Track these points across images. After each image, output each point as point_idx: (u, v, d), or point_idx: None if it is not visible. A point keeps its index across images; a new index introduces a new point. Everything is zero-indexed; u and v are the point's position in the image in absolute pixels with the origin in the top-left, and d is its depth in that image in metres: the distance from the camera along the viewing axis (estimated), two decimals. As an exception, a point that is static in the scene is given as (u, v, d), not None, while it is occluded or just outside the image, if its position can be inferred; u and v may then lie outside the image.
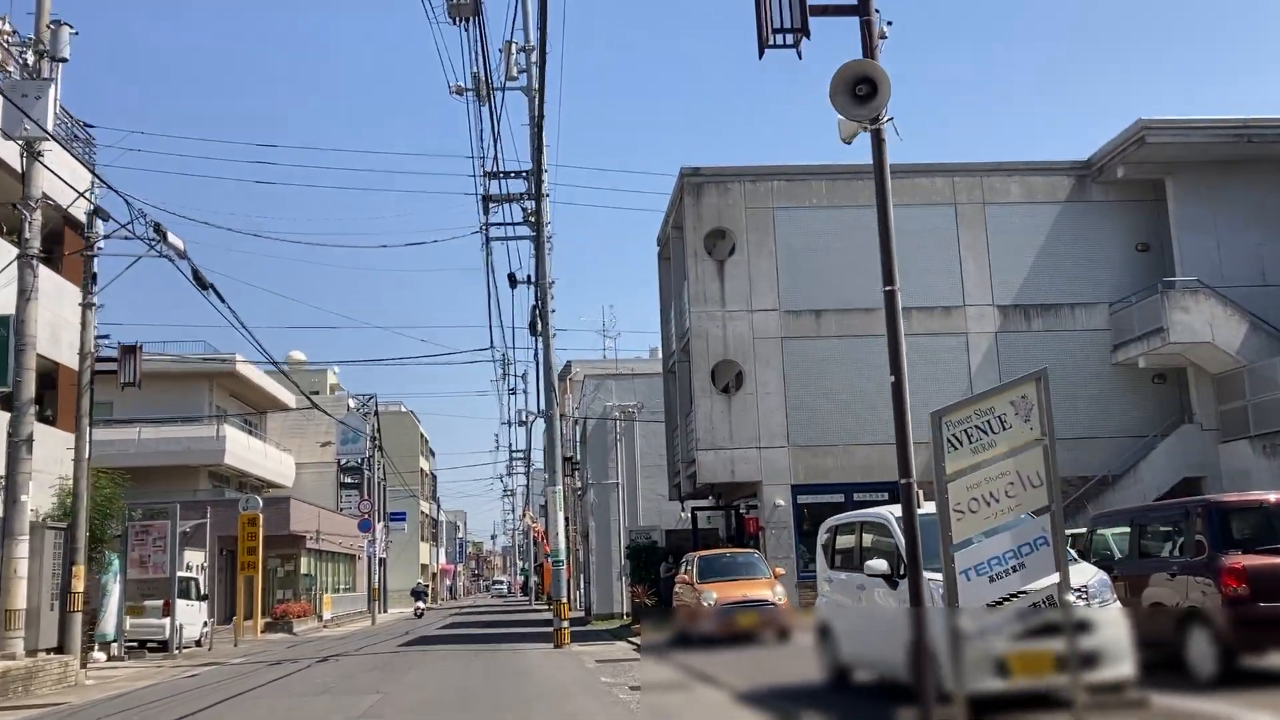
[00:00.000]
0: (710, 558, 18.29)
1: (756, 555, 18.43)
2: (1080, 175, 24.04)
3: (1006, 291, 23.54)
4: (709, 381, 22.72)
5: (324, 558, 43.50)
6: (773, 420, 22.63)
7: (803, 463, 22.58)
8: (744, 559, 18.32)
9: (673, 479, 27.46)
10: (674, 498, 27.61)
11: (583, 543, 32.84)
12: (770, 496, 22.29)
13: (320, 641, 28.39)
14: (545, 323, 20.59)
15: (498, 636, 26.13)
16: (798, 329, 23.07)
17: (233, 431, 41.29)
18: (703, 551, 19.05)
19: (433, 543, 78.28)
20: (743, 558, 18.35)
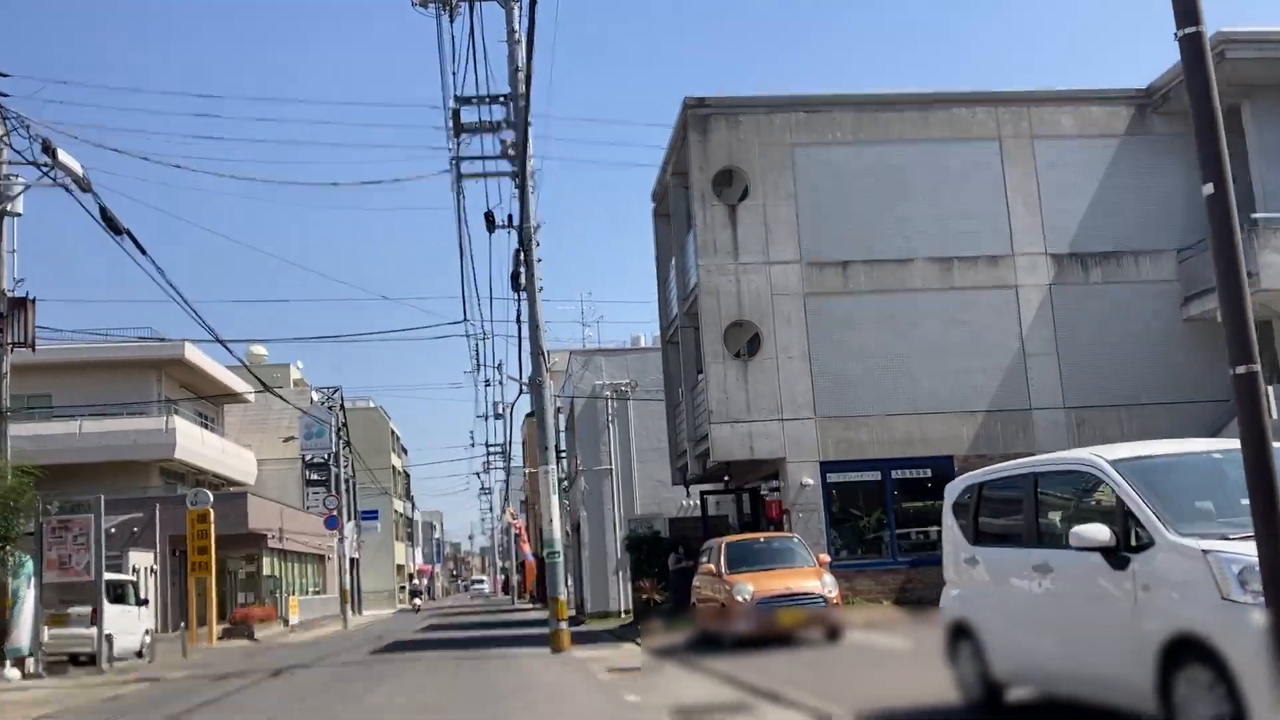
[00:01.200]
0: (741, 544, 15.26)
1: (796, 539, 15.43)
2: (1140, 105, 21.17)
3: (1060, 238, 20.63)
4: (721, 345, 19.68)
5: (289, 558, 40.14)
6: (796, 388, 19.62)
7: (832, 436, 19.58)
8: (781, 544, 15.30)
9: (676, 461, 24.40)
10: (677, 482, 24.56)
11: (573, 536, 29.74)
12: (796, 475, 19.28)
13: (282, 649, 25.16)
14: (530, 273, 17.49)
15: (483, 640, 22.98)
16: (822, 284, 20.06)
17: (183, 424, 37.86)
18: (731, 537, 16.01)
19: (408, 543, 74.89)
20: (779, 543, 15.33)
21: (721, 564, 14.69)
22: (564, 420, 33.56)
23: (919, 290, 20.20)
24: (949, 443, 19.74)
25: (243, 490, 35.95)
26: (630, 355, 28.80)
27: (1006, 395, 19.99)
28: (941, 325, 20.11)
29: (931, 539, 19.79)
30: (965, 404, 19.91)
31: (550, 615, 16.76)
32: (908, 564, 19.27)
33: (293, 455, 50.95)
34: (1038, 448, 19.79)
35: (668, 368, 24.71)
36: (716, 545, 15.41)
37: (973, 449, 19.74)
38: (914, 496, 20.10)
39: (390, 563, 65.09)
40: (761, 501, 21.88)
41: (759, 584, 13.88)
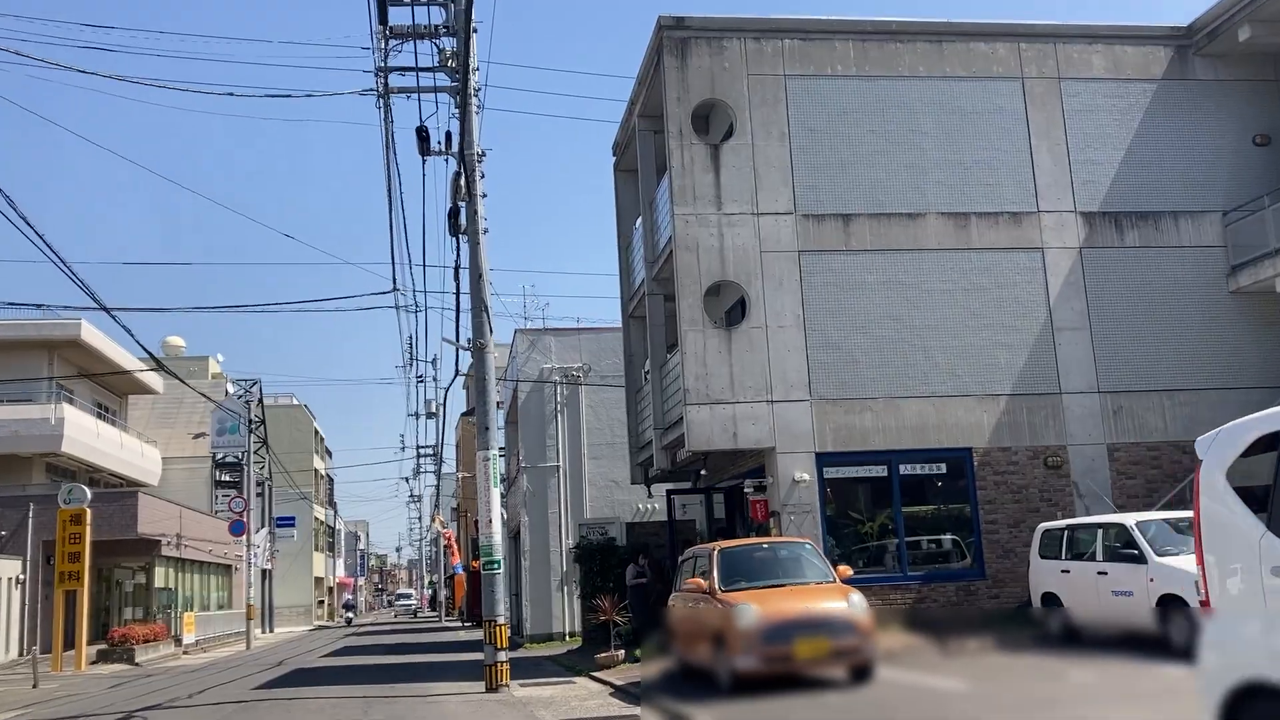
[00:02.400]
0: (740, 552, 11.77)
1: (808, 546, 12.00)
2: (1180, 45, 18.29)
3: (1091, 194, 17.62)
4: (700, 310, 16.28)
5: (189, 568, 35.80)
6: (789, 364, 16.30)
7: (831, 422, 16.28)
8: (790, 553, 11.85)
9: (636, 456, 20.93)
10: (638, 480, 21.07)
11: (512, 544, 26.06)
12: (787, 469, 15.93)
13: (162, 677, 21.15)
14: (473, 208, 13.97)
15: (402, 669, 19.23)
16: (820, 239, 16.79)
17: (74, 413, 33.44)
18: (726, 543, 12.49)
19: (329, 553, 70.19)
20: (788, 551, 11.89)
21: (715, 578, 11.23)
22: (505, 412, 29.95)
23: (932, 250, 17.03)
24: (967, 432, 16.57)
25: (132, 489, 31.61)
26: (584, 336, 25.25)
27: (1033, 376, 16.89)
28: (958, 292, 16.96)
29: (945, 549, 16.60)
30: (985, 386, 16.76)
31: (486, 642, 13.18)
32: (919, 579, 16.02)
33: (203, 454, 46.44)
34: (1069, 438, 16.73)
35: (629, 347, 21.25)
36: (706, 554, 11.93)
37: (994, 439, 16.60)
38: (925, 496, 16.90)
39: (308, 575, 60.51)
40: (741, 502, 18.49)
41: (767, 605, 10.45)
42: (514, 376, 24.92)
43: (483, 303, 13.86)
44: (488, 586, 13.43)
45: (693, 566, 12.33)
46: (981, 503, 16.41)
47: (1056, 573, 13.41)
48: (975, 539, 16.36)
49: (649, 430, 19.74)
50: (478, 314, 13.88)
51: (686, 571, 12.66)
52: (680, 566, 13.08)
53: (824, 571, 11.51)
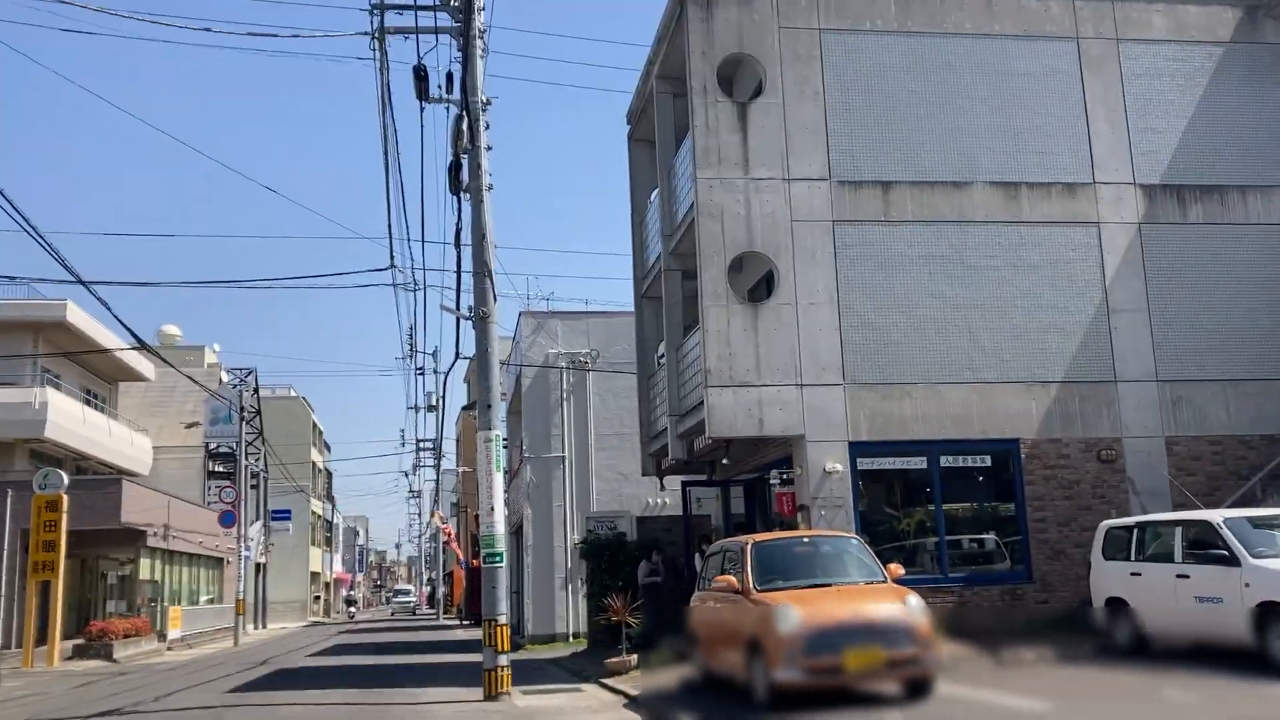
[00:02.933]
0: (778, 546, 10.25)
1: (855, 540, 10.49)
2: (1250, 6, 16.84)
3: (1152, 166, 16.17)
4: (725, 284, 14.83)
5: (177, 560, 34.37)
6: (821, 345, 14.85)
7: (866, 409, 14.83)
8: (835, 548, 10.34)
9: (649, 445, 19.48)
10: (649, 472, 19.61)
11: (514, 539, 24.60)
12: (818, 459, 14.48)
13: (134, 675, 19.72)
14: (476, 163, 12.54)
15: (394, 671, 17.78)
16: (857, 209, 15.35)
17: (58, 398, 31.98)
18: (761, 536, 10.94)
19: (326, 548, 68.75)
20: (831, 546, 10.37)
21: (749, 575, 9.74)
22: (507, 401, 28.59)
23: (979, 222, 15.58)
24: (1014, 421, 15.12)
25: (116, 476, 30.17)
26: (592, 320, 23.77)
27: (1086, 362, 15.44)
28: (1007, 269, 15.52)
29: (987, 549, 15.15)
30: (1035, 372, 15.31)
31: (485, 643, 11.73)
32: (961, 581, 14.57)
33: (196, 444, 45.00)
34: (1124, 429, 15.27)
35: (642, 329, 19.79)
36: (738, 548, 10.43)
37: (1044, 430, 15.15)
38: (967, 491, 15.46)
39: (304, 570, 59.07)
40: (763, 496, 17.08)
41: (812, 608, 8.97)
42: (518, 362, 23.48)
43: (485, 266, 12.42)
44: (488, 582, 11.99)
45: (720, 562, 10.86)
46: (1029, 499, 14.96)
47: (1125, 576, 11.95)
48: (1022, 538, 14.91)
49: (663, 418, 18.29)
50: (480, 279, 12.44)
51: (713, 568, 11.19)
52: (705, 563, 11.60)
53: (873, 570, 10.04)
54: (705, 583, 11.36)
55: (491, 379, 12.35)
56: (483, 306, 12.41)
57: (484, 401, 12.27)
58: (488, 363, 12.33)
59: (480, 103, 12.70)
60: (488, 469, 12.13)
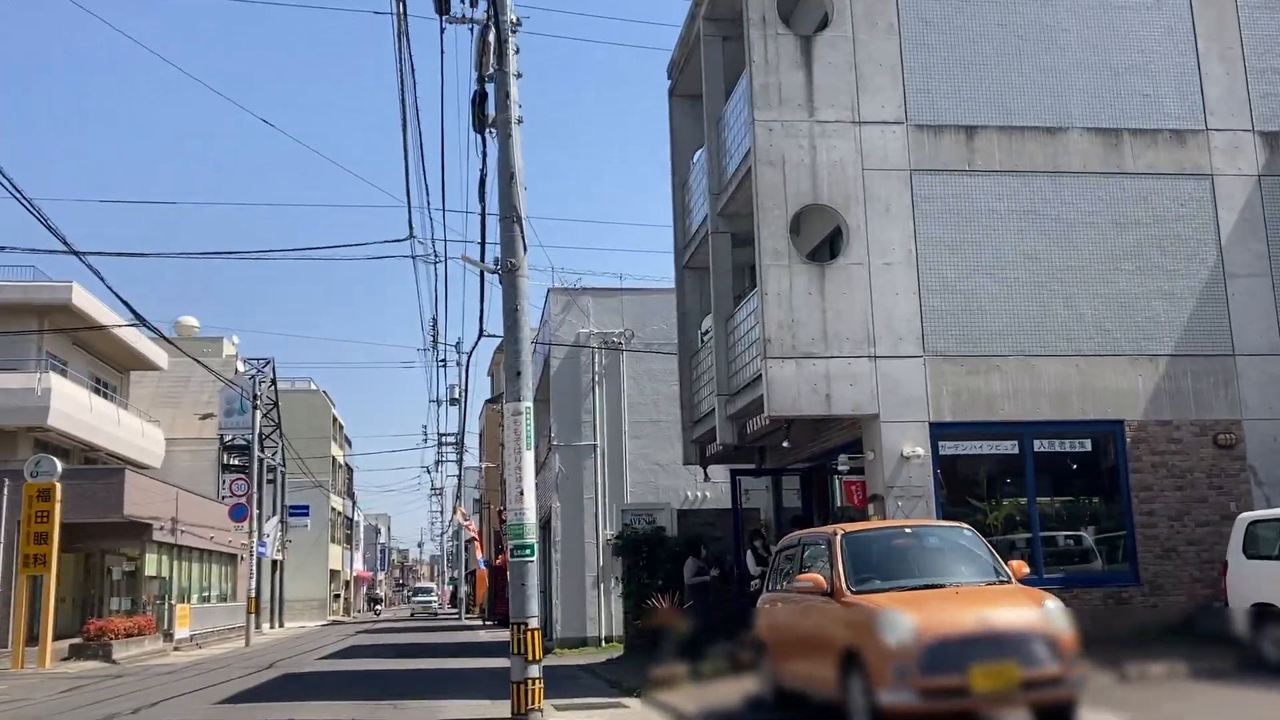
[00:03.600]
0: (873, 538, 8.29)
1: (968, 533, 8.55)
2: (1383, -69, 14.80)
3: (1273, 111, 14.18)
4: (787, 240, 12.97)
5: (187, 556, 32.79)
6: (897, 311, 12.96)
7: (949, 384, 12.93)
8: (942, 540, 8.41)
9: (691, 432, 17.65)
10: (692, 460, 17.78)
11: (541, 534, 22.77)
12: (894, 442, 12.59)
13: (130, 678, 18.05)
14: (505, 92, 10.74)
15: (410, 678, 16.02)
16: (937, 156, 13.45)
17: (63, 384, 30.46)
18: (852, 527, 8.90)
19: (346, 545, 67.22)
20: (939, 537, 8.43)
21: (840, 573, 7.86)
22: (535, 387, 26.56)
23: (1075, 173, 13.65)
24: (1117, 400, 13.17)
25: (118, 466, 28.59)
26: (626, 297, 21.94)
27: (1200, 333, 13.47)
28: (1107, 226, 13.58)
29: (1086, 546, 13.23)
30: (1141, 344, 13.37)
31: (513, 651, 9.92)
32: (1059, 583, 12.56)
33: (210, 435, 43.48)
34: (1244, 410, 13.30)
35: (684, 303, 17.96)
36: (822, 541, 8.51)
37: (1151, 410, 13.19)
38: (1064, 480, 13.53)
39: (323, 567, 57.51)
40: (823, 486, 15.20)
41: (928, 614, 7.09)
42: (546, 341, 21.68)
43: (514, 210, 10.62)
44: (517, 579, 10.17)
45: (797, 558, 8.97)
46: (1135, 489, 13.01)
47: (1276, 578, 10.00)
48: (1127, 534, 12.96)
49: (709, 399, 16.45)
50: (508, 225, 10.64)
51: (786, 565, 9.32)
52: (774, 559, 9.71)
53: (991, 567, 8.14)
54: (778, 582, 9.51)
55: (521, 341, 10.54)
56: (511, 257, 10.60)
57: (512, 368, 10.46)
58: (516, 322, 10.52)
59: (510, 22, 10.89)
60: (516, 447, 10.31)
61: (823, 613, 7.96)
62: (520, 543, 10.25)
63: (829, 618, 7.83)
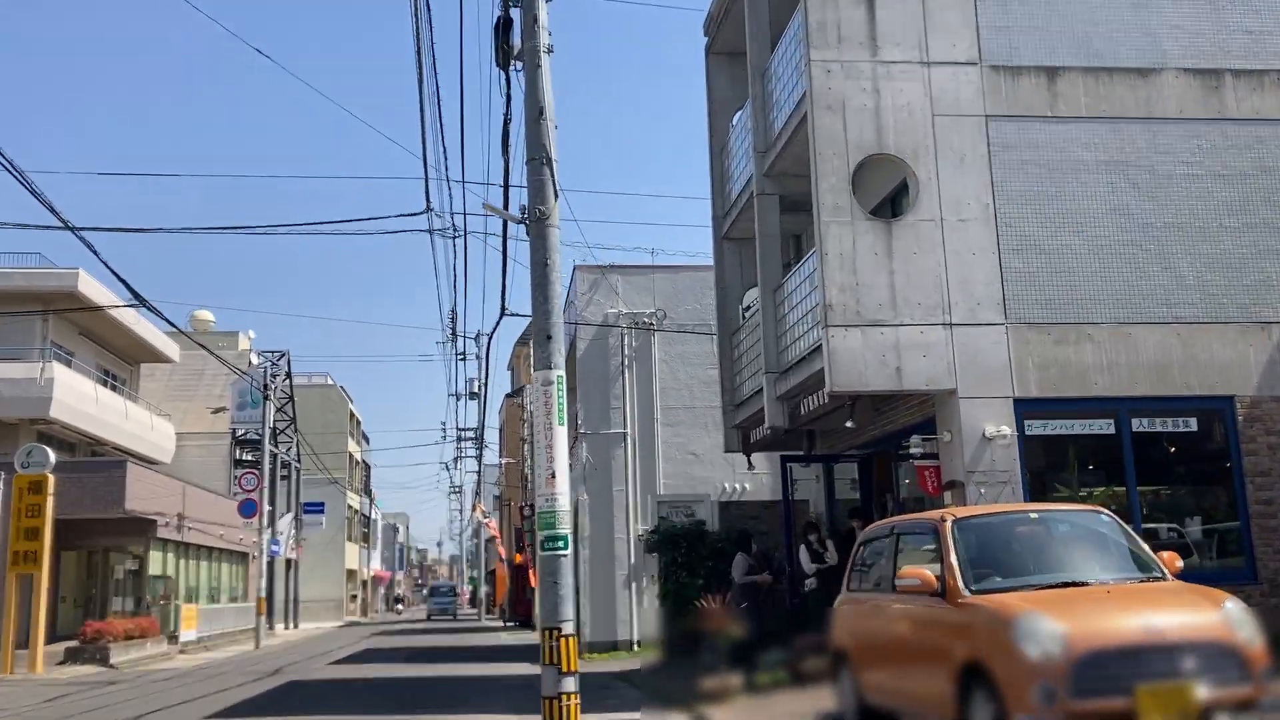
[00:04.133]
0: (991, 524, 6.68)
1: (1107, 517, 6.98)
2: None
3: (1395, 49, 12.55)
4: (848, 195, 11.46)
5: (195, 554, 31.51)
6: (974, 273, 11.44)
7: (1035, 355, 11.39)
8: (1072, 526, 6.80)
9: (733, 417, 16.15)
10: (734, 447, 16.28)
11: (565, 530, 21.31)
12: (975, 421, 11.06)
13: (123, 686, 16.69)
14: (533, 18, 9.27)
15: (424, 687, 14.60)
16: (1016, 101, 11.92)
17: (66, 374, 29.22)
18: (963, 511, 7.30)
19: (364, 544, 66.00)
20: (1070, 523, 6.83)
21: (953, 567, 6.34)
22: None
23: (1171, 119, 12.08)
24: (1226, 373, 11.60)
25: (120, 458, 27.31)
26: (658, 274, 20.44)
27: (1317, 299, 11.87)
28: (1209, 178, 12.01)
29: (1194, 539, 11.63)
30: (1252, 310, 11.79)
31: (544, 661, 8.46)
32: (1161, 579, 11.00)
33: (223, 430, 42.23)
34: (1369, 387, 11.67)
35: (723, 276, 16.46)
36: (928, 529, 6.93)
37: (1265, 384, 11.62)
38: (1166, 464, 11.96)
39: (339, 566, 56.27)
40: (885, 472, 13.66)
41: (1077, 619, 5.57)
42: (573, 321, 20.21)
43: (544, 150, 9.17)
44: (548, 576, 8.72)
45: (888, 550, 7.44)
46: (1249, 474, 11.43)
47: None
48: (1241, 525, 11.39)
49: (753, 380, 14.97)
50: (537, 167, 9.19)
51: (871, 559, 7.83)
52: (856, 553, 8.18)
53: (1140, 560, 6.63)
54: (861, 579, 8.00)
55: (551, 301, 9.09)
56: (540, 204, 9.13)
57: (542, 331, 9.01)
58: (546, 278, 9.06)
59: (537, -65, 9.43)
60: (547, 421, 8.86)
61: (930, 617, 6.45)
62: (552, 533, 8.78)
63: (940, 623, 6.32)
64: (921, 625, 6.56)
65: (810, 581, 13.12)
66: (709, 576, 14.95)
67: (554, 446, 8.83)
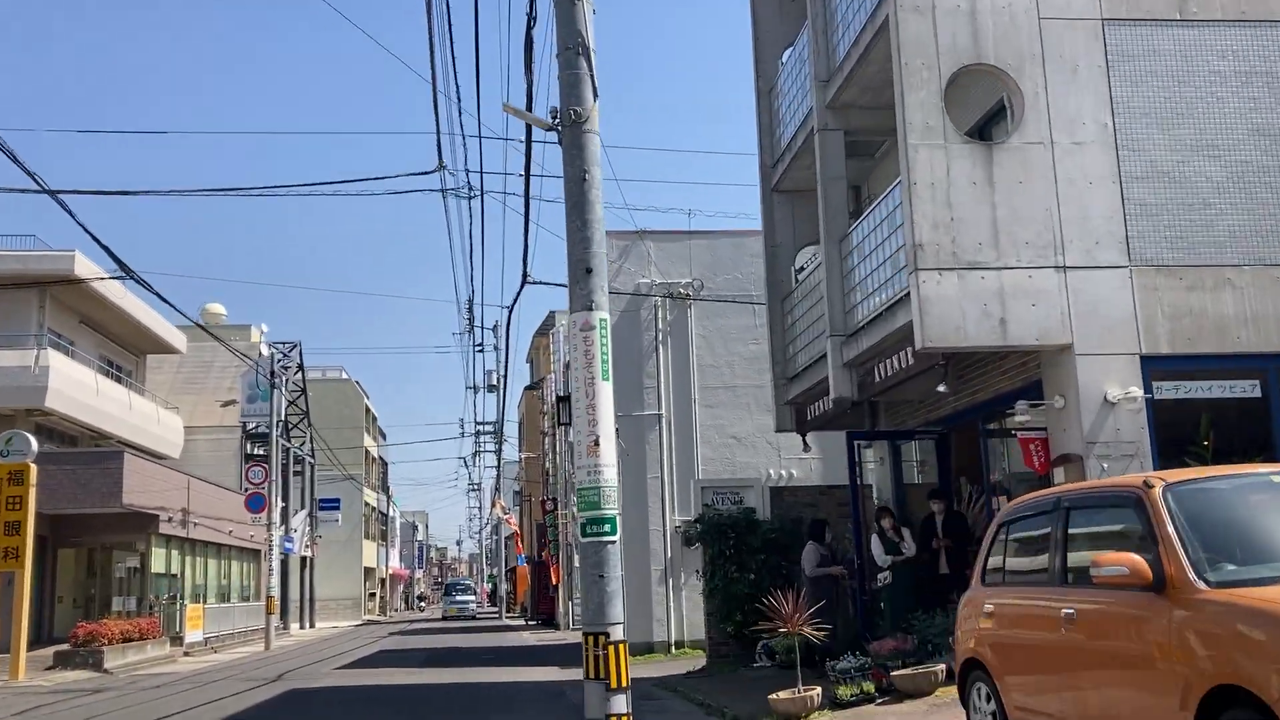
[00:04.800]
0: (1222, 493, 4.81)
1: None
2: None
3: None
4: (940, 113, 9.61)
5: (202, 551, 29.91)
6: (1091, 205, 9.57)
7: (1165, 304, 9.51)
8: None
9: (784, 392, 14.32)
10: (787, 425, 14.44)
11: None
12: (1094, 383, 9.20)
13: (112, 694, 15.01)
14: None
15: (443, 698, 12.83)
16: (1139, 3, 10.03)
17: (63, 362, 27.64)
18: (1179, 474, 5.34)
19: (382, 542, 64.43)
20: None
21: (1180, 554, 4.46)
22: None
23: (1324, 25, 10.15)
24: (1392, 326, 9.67)
25: (116, 449, 25.68)
26: (694, 241, 18.59)
27: None
28: (1369, 95, 10.06)
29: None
30: None
31: (588, 675, 6.68)
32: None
33: (233, 423, 40.66)
34: None
35: (773, 235, 14.62)
36: (1124, 498, 5.00)
37: None
38: (1320, 434, 10.03)
39: (357, 564, 54.69)
40: (969, 450, 11.76)
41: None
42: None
43: (579, 40, 7.38)
44: (592, 568, 6.92)
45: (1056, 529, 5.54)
46: None
47: None
48: None
49: (810, 347, 13.15)
50: (571, 60, 7.40)
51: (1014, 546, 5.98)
52: (994, 536, 6.30)
53: None
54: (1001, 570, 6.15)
55: (591, 225, 7.31)
56: (575, 104, 7.34)
57: (580, 262, 7.23)
58: (585, 197, 7.28)
59: None
60: (588, 375, 7.07)
61: (1138, 619, 4.59)
62: (596, 515, 6.98)
63: (1158, 628, 4.46)
64: (1123, 631, 4.70)
65: (884, 575, 11.29)
66: (760, 571, 13.11)
67: (597, 406, 7.03)
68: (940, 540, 11.25)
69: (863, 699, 8.69)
